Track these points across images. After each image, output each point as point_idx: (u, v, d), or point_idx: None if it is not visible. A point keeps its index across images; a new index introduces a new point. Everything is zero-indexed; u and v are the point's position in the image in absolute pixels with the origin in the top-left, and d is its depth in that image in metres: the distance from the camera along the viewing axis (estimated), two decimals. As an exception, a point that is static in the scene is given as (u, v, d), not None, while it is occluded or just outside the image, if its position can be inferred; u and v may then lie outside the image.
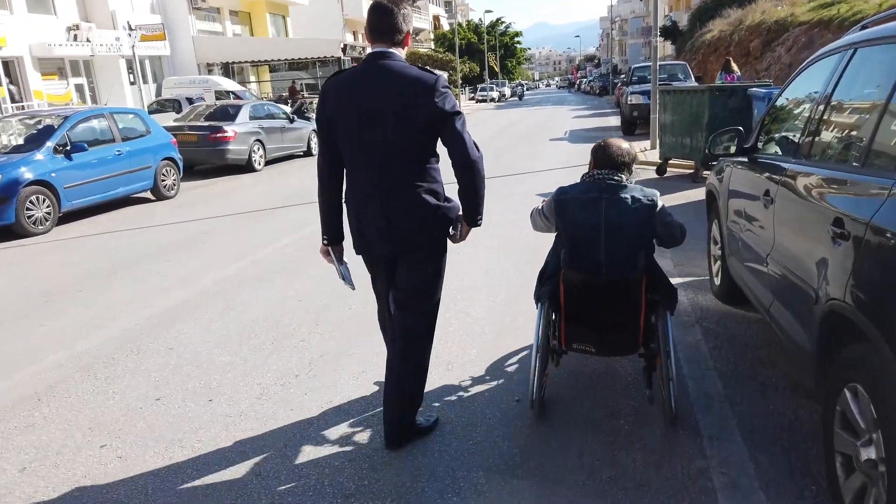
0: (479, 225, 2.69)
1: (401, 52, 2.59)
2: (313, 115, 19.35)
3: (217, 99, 21.80)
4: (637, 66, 20.44)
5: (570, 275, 2.80)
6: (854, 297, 1.99)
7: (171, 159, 10.80)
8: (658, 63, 13.10)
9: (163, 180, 10.52)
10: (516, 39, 68.81)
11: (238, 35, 31.91)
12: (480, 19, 62.53)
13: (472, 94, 51.73)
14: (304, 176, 12.86)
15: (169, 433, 3.13)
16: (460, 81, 49.69)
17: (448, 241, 2.77)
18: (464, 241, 2.78)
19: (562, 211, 2.86)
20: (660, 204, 2.81)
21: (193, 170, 14.02)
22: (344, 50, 28.75)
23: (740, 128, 3.73)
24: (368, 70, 2.54)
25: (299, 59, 30.65)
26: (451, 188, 2.65)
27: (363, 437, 3.00)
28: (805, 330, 2.49)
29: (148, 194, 10.47)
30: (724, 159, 4.09)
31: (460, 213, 2.70)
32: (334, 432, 3.06)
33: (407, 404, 2.83)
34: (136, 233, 7.99)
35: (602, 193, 2.78)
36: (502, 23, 66.96)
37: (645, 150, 12.74)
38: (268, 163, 14.60)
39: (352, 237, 2.80)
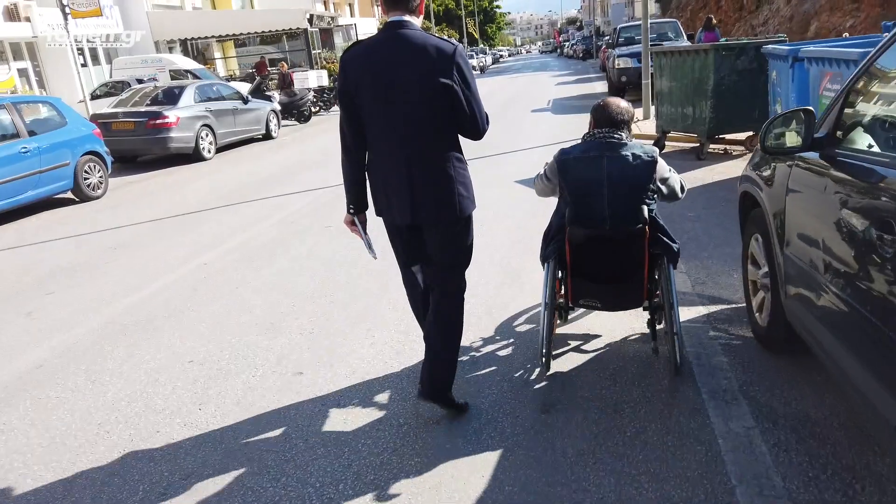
0: None
1: (416, 20, 2.57)
2: (275, 94, 17.89)
3: (173, 79, 20.20)
4: (623, 25, 18.98)
5: (574, 231, 2.88)
6: None
7: (96, 153, 9.35)
8: (648, 21, 11.67)
9: (86, 178, 9.09)
10: (495, 4, 66.57)
11: (198, 9, 29.94)
12: (458, -16, 60.22)
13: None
14: (260, 164, 11.46)
15: None
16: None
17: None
18: None
19: (564, 171, 2.92)
20: (660, 160, 2.86)
21: (137, 161, 12.60)
22: (311, 21, 26.94)
23: (810, 108, 2.44)
24: (387, 40, 2.54)
25: (264, 32, 28.75)
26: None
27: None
28: None
29: (70, 195, 9.07)
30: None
31: None
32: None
33: (447, 367, 2.83)
34: (33, 250, 6.64)
35: (603, 151, 2.84)
36: (480, -13, 64.73)
37: (637, 121, 11.40)
38: (220, 150, 13.16)
39: (373, 202, 2.79)
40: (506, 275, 4.67)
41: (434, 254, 2.76)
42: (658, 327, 3.20)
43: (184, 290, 4.90)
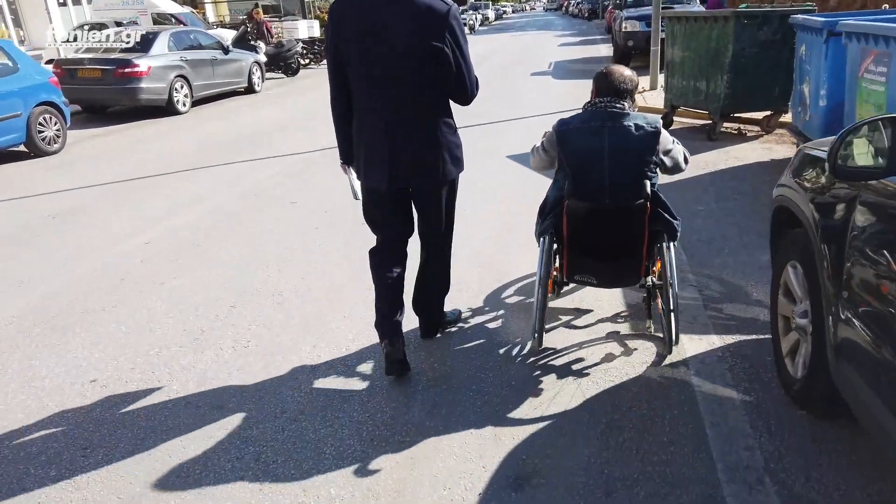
0: None
1: None
2: (261, 44, 16.86)
3: (155, 23, 19.11)
4: (633, -14, 17.85)
5: (573, 203, 2.79)
6: None
7: (52, 104, 8.51)
8: (661, -18, 10.76)
9: (40, 131, 8.29)
10: (501, -43, 64.14)
11: (188, -52, 28.40)
12: (462, -66, 57.77)
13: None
14: (237, 121, 10.65)
15: None
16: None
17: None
18: None
19: (563, 142, 2.79)
20: (663, 131, 2.74)
21: (106, 112, 11.74)
22: (305, -34, 25.59)
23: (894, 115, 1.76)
24: None
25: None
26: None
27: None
28: None
29: (23, 149, 8.28)
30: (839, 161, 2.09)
31: None
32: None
33: (438, 298, 3.11)
34: (-35, 214, 5.92)
35: (604, 121, 2.72)
36: (486, -62, 62.12)
37: (643, 92, 10.60)
38: (197, 102, 12.30)
39: (356, 165, 2.71)
40: (497, 247, 4.04)
41: (420, 219, 2.78)
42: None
43: (111, 278, 4.23)
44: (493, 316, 3.47)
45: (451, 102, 2.61)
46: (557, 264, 3.07)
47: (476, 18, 40.48)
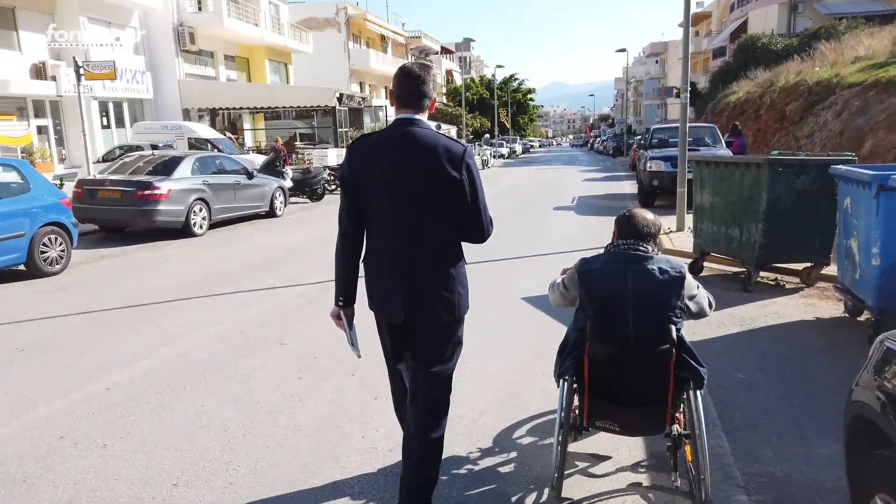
0: None
1: (425, 118, 2.57)
2: (288, 170, 17.16)
3: (191, 147, 19.73)
4: (657, 126, 18.12)
5: (596, 347, 2.68)
6: None
7: (60, 224, 8.36)
8: (686, 124, 10.68)
9: (43, 252, 8.06)
10: (529, 96, 67.41)
11: (233, 80, 30.15)
12: (493, 75, 61.23)
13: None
14: (249, 246, 10.43)
15: None
16: (470, 136, 47.88)
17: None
18: None
19: (586, 283, 2.74)
20: (688, 275, 2.70)
21: (125, 231, 11.66)
22: (340, 99, 26.77)
23: None
24: (396, 136, 2.53)
25: (293, 107, 28.74)
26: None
27: None
28: None
29: (22, 268, 8.01)
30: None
31: None
32: None
33: (426, 483, 2.66)
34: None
35: (628, 264, 2.69)
36: (515, 79, 65.67)
37: (669, 233, 10.20)
38: (216, 225, 12.22)
39: (368, 296, 2.66)
40: (509, 384, 3.42)
41: (424, 352, 2.63)
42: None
43: (50, 437, 3.64)
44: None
45: (470, 239, 2.62)
46: (577, 409, 2.91)
47: (488, 154, 36.43)
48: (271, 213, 13.97)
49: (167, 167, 11.49)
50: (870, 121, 12.15)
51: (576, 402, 2.90)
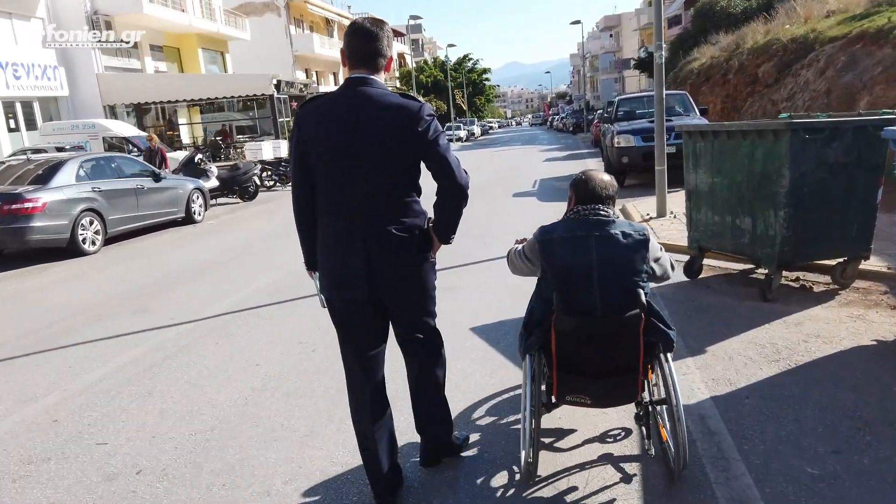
0: (450, 243, 2.59)
1: (380, 78, 2.43)
2: (213, 168, 15.18)
3: (109, 148, 17.53)
4: (623, 97, 16.50)
5: (562, 320, 2.57)
6: None
7: None
8: (663, 89, 9.12)
9: None
10: (485, 76, 65.50)
11: (162, 72, 27.69)
12: (447, 56, 59.17)
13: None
14: (158, 259, 8.56)
15: None
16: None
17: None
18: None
19: (548, 253, 2.63)
20: (651, 237, 2.62)
21: (2, 254, 9.64)
22: (277, 87, 24.64)
23: None
24: (348, 97, 2.38)
25: (227, 98, 26.48)
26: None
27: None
28: None
29: None
30: None
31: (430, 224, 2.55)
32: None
33: (443, 425, 2.79)
34: None
35: (590, 230, 2.58)
36: (470, 59, 63.69)
37: (649, 218, 8.62)
38: (114, 239, 10.28)
39: (321, 279, 2.54)
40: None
41: (401, 316, 2.57)
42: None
43: None
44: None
45: (447, 192, 2.44)
46: (545, 385, 2.79)
47: (471, 132, 39.98)
48: (189, 220, 12.06)
49: (44, 175, 9.48)
50: (862, 76, 10.75)
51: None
